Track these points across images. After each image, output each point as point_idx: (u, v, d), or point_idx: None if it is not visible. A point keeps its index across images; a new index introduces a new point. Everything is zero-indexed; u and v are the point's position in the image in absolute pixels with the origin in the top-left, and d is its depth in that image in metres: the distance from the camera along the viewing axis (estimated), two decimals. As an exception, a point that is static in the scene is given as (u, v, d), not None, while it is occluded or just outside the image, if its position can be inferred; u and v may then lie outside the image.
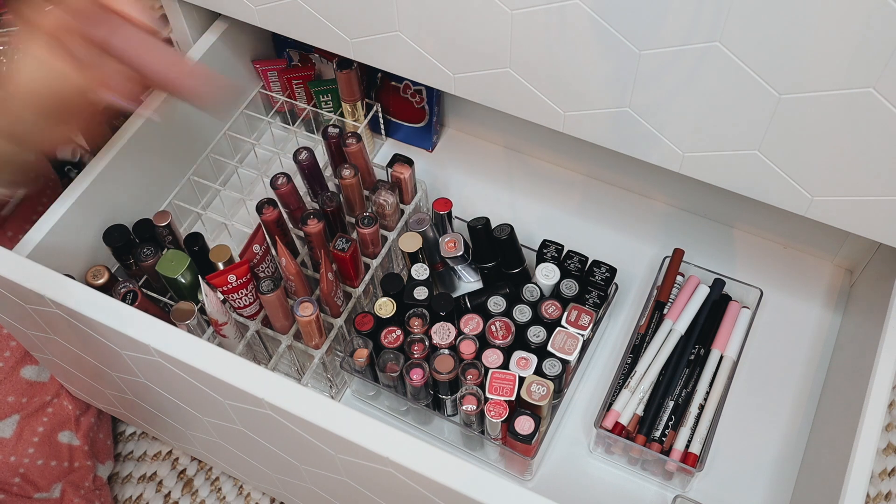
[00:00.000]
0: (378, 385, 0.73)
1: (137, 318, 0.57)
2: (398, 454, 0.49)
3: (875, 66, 0.47)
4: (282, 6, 0.69)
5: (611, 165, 0.88)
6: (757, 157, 0.57)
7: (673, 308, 0.78)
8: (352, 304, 0.75)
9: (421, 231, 0.76)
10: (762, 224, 0.84)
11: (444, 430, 0.76)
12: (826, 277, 0.83)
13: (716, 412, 0.72)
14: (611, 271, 0.75)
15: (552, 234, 0.81)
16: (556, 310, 0.72)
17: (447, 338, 0.70)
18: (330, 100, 0.88)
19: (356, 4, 0.64)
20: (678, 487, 0.72)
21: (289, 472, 0.66)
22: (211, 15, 0.82)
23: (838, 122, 0.51)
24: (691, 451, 0.70)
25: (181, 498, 0.85)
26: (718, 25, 0.50)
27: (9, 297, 0.62)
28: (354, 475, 0.56)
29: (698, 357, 0.75)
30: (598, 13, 0.53)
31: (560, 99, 0.62)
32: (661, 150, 0.61)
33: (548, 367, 0.69)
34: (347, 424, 0.51)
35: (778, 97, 0.52)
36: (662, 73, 0.55)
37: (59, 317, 0.60)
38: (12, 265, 0.59)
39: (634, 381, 0.73)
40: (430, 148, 0.94)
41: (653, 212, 0.88)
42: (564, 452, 0.75)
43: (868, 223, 0.58)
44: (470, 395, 0.69)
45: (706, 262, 0.81)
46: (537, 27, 0.57)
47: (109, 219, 0.74)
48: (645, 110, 0.58)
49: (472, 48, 0.62)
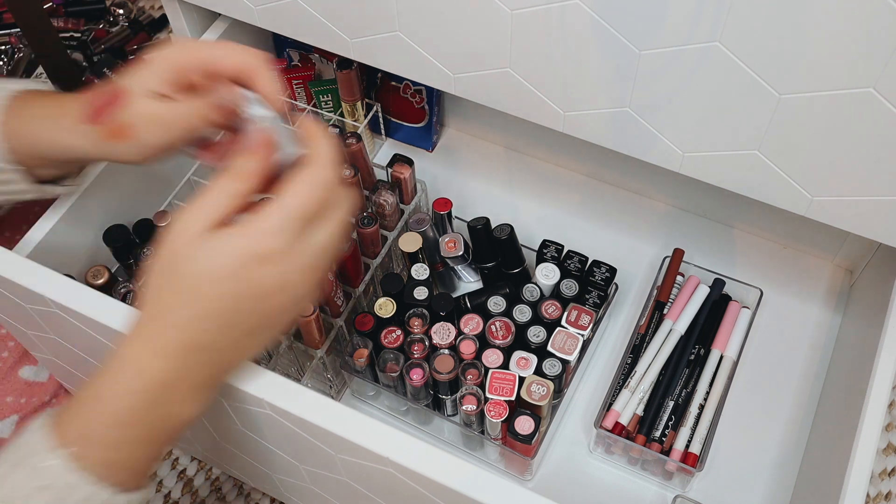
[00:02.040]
0: (378, 385, 0.73)
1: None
2: (398, 454, 0.49)
3: (875, 66, 0.47)
4: (282, 6, 0.69)
5: (611, 165, 0.88)
6: (757, 157, 0.57)
7: (673, 308, 0.78)
8: (352, 304, 0.75)
9: (421, 231, 0.76)
10: (762, 224, 0.84)
11: (444, 430, 0.76)
12: (826, 277, 0.83)
13: (716, 412, 0.72)
14: (611, 271, 0.75)
15: (552, 234, 0.81)
16: (556, 310, 0.72)
17: (447, 338, 0.70)
18: (330, 100, 0.88)
19: (356, 4, 0.64)
20: (678, 487, 0.72)
21: (289, 472, 0.65)
22: (211, 15, 0.82)
23: (838, 122, 0.51)
24: (691, 451, 0.70)
25: (181, 498, 0.85)
26: (718, 25, 0.50)
27: (9, 297, 0.62)
28: (354, 475, 0.56)
29: (698, 357, 0.75)
30: (598, 13, 0.53)
31: (560, 99, 0.62)
32: (660, 150, 0.61)
33: (548, 367, 0.69)
34: (347, 424, 0.51)
35: (778, 97, 0.52)
36: (662, 73, 0.55)
37: (59, 317, 0.60)
38: (12, 265, 0.59)
39: (634, 381, 0.73)
40: (430, 148, 0.94)
41: (653, 212, 0.88)
42: (564, 452, 0.75)
43: (868, 223, 0.58)
44: (470, 395, 0.69)
45: (706, 262, 0.81)
46: (537, 27, 0.57)
47: (109, 219, 0.74)
48: (645, 110, 0.58)
49: (472, 48, 0.62)
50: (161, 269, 0.45)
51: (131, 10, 1.21)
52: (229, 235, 0.44)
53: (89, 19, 1.19)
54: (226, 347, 0.46)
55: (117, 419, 0.45)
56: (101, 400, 0.45)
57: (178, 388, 0.46)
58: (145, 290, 0.46)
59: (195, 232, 0.44)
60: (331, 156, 0.46)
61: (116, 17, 1.20)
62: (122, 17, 1.20)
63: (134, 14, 1.21)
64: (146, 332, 0.46)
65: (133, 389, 0.45)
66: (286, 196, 0.45)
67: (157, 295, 0.46)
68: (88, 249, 0.74)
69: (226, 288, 0.44)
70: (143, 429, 0.46)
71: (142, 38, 1.17)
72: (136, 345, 0.46)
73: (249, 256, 0.44)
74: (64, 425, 0.45)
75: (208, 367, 0.47)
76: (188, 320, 0.45)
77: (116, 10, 1.20)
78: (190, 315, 0.45)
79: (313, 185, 0.45)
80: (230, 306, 0.45)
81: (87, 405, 0.46)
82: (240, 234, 0.44)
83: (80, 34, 1.16)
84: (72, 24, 1.17)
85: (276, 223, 0.44)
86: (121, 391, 0.45)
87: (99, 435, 0.45)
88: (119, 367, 0.46)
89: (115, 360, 0.46)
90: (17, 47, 1.15)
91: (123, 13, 1.20)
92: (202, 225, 0.44)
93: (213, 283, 0.44)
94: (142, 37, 1.17)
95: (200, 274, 0.44)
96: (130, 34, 1.17)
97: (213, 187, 0.45)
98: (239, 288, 0.44)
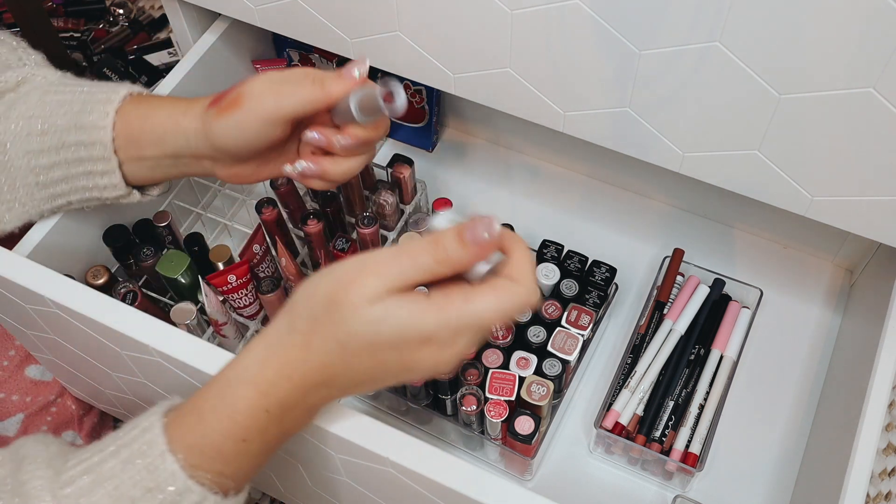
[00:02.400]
0: (378, 385, 0.73)
1: (137, 318, 0.57)
2: (398, 454, 0.49)
3: (875, 66, 0.47)
4: (282, 6, 0.69)
5: (611, 165, 0.88)
6: (757, 157, 0.57)
7: (673, 308, 0.78)
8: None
9: (421, 231, 0.76)
10: (762, 224, 0.84)
11: (444, 430, 0.76)
12: (826, 277, 0.83)
13: (716, 412, 0.72)
14: (611, 271, 0.75)
15: (552, 234, 0.81)
16: (556, 310, 0.72)
17: (447, 338, 0.70)
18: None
19: (356, 4, 0.64)
20: (678, 487, 0.72)
21: (288, 472, 0.65)
22: (211, 15, 0.82)
23: (838, 122, 0.51)
24: (691, 451, 0.70)
25: (181, 498, 0.85)
26: (718, 25, 0.50)
27: (9, 297, 0.62)
28: (354, 475, 0.56)
29: (698, 357, 0.75)
30: (598, 13, 0.53)
31: (560, 99, 0.62)
32: (661, 150, 0.61)
33: (548, 367, 0.69)
34: (347, 424, 0.51)
35: (778, 97, 0.52)
36: (662, 73, 0.55)
37: (59, 317, 0.60)
38: (12, 265, 0.59)
39: (634, 381, 0.73)
40: (430, 148, 0.94)
41: (653, 212, 0.88)
42: (564, 452, 0.75)
43: (868, 223, 0.58)
44: (470, 395, 0.69)
45: (706, 262, 0.81)
46: (537, 27, 0.57)
47: (109, 219, 0.74)
48: (645, 110, 0.58)
49: (472, 48, 0.62)
50: (321, 304, 0.44)
51: (131, 10, 1.21)
52: (410, 307, 0.42)
53: (89, 19, 1.19)
54: (351, 389, 0.47)
55: (236, 434, 0.45)
56: (222, 412, 0.45)
57: (298, 411, 0.47)
58: (294, 308, 0.45)
59: (373, 294, 0.42)
60: (534, 279, 0.44)
61: (116, 17, 1.20)
62: (122, 17, 1.20)
63: (134, 14, 1.21)
64: (281, 355, 0.45)
65: (257, 407, 0.45)
66: (479, 301, 0.42)
67: (305, 325, 0.44)
68: (88, 249, 0.74)
69: (379, 358, 0.44)
70: (257, 445, 0.46)
71: (142, 37, 1.17)
72: (271, 366, 0.45)
73: (416, 337, 0.42)
74: (180, 430, 0.46)
75: (330, 398, 0.47)
76: (332, 366, 0.44)
77: (116, 10, 1.20)
78: (336, 364, 0.44)
79: (510, 304, 0.43)
80: (376, 369, 0.44)
81: (207, 413, 0.46)
82: (421, 313, 0.42)
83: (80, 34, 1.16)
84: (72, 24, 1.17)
85: (460, 324, 0.42)
86: (243, 407, 0.45)
87: (217, 446, 0.45)
88: (246, 381, 0.46)
89: (239, 371, 0.46)
90: (17, 47, 1.15)
91: (123, 13, 1.20)
92: (384, 289, 0.42)
93: (372, 350, 0.43)
94: (142, 37, 1.17)
95: (363, 336, 0.43)
96: (130, 34, 1.17)
97: (412, 255, 0.43)
98: (391, 361, 0.44)
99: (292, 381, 0.45)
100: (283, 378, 0.45)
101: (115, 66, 1.08)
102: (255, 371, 0.46)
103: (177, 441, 0.45)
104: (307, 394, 0.46)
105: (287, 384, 0.45)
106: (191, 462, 0.45)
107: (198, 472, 0.45)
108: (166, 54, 1.14)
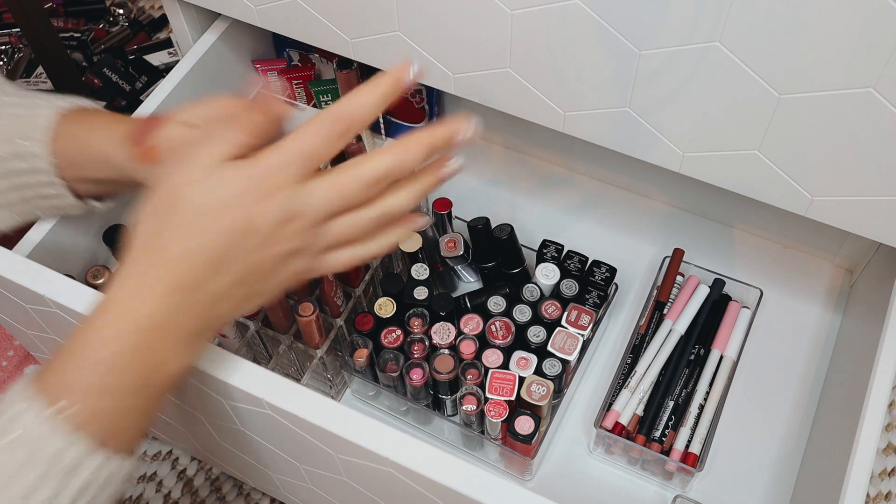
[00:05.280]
0: (378, 385, 0.73)
1: (137, 318, 0.57)
2: (398, 454, 0.49)
3: (875, 66, 0.47)
4: (282, 6, 0.69)
5: (611, 165, 0.88)
6: (757, 157, 0.57)
7: (673, 308, 0.78)
8: (352, 304, 0.75)
9: (421, 231, 0.76)
10: (762, 224, 0.84)
11: (444, 430, 0.76)
12: (826, 277, 0.83)
13: (716, 412, 0.72)
14: (611, 271, 0.75)
15: (552, 234, 0.81)
16: (556, 310, 0.72)
17: (447, 338, 0.70)
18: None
19: (356, 4, 0.64)
20: (678, 487, 0.72)
21: (288, 472, 0.65)
22: (211, 15, 0.82)
23: (838, 122, 0.51)
24: (691, 451, 0.70)
25: (181, 498, 0.85)
26: (718, 25, 0.50)
27: (9, 297, 0.62)
28: (354, 475, 0.56)
29: (698, 357, 0.75)
30: (598, 13, 0.53)
31: (560, 99, 0.62)
32: (661, 150, 0.61)
33: (548, 367, 0.69)
34: (347, 424, 0.51)
35: (778, 97, 0.52)
36: (662, 73, 0.55)
37: (59, 317, 0.60)
38: (12, 265, 0.59)
39: (634, 381, 0.73)
40: (430, 148, 0.94)
41: (653, 212, 0.88)
42: (564, 452, 0.75)
43: (868, 223, 0.58)
44: (470, 395, 0.69)
45: (706, 262, 0.81)
46: (537, 27, 0.57)
47: (109, 219, 0.74)
48: (645, 110, 0.58)
49: (472, 48, 0.62)
50: (157, 209, 0.44)
51: (131, 10, 1.21)
52: (235, 165, 0.44)
53: (89, 19, 1.19)
54: (216, 292, 0.45)
55: (103, 364, 0.43)
56: (86, 344, 0.43)
57: (168, 334, 0.44)
58: (137, 232, 0.45)
59: (205, 166, 0.44)
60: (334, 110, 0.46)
61: (116, 17, 1.20)
62: (122, 17, 1.20)
63: (134, 14, 1.21)
64: (136, 272, 0.44)
65: (121, 331, 0.43)
66: (288, 138, 0.45)
67: (151, 234, 0.44)
68: (88, 249, 0.74)
69: (223, 221, 0.43)
70: (131, 376, 0.43)
71: (142, 37, 1.17)
72: (127, 285, 0.44)
73: (253, 186, 0.43)
74: (46, 374, 0.43)
75: (198, 312, 0.45)
76: (180, 256, 0.44)
77: (116, 10, 1.20)
78: (182, 250, 0.44)
79: (316, 129, 0.45)
80: (224, 241, 0.44)
81: (73, 351, 0.43)
82: (244, 164, 0.44)
83: (80, 34, 1.16)
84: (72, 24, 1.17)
85: (281, 159, 0.44)
86: (108, 335, 0.43)
87: (82, 381, 0.42)
88: (106, 308, 0.44)
89: (102, 303, 0.44)
90: (17, 47, 1.15)
91: (123, 13, 1.20)
92: (211, 160, 0.44)
93: (213, 214, 0.43)
94: (142, 37, 1.17)
95: (201, 206, 0.43)
96: (130, 34, 1.17)
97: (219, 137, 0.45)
98: (236, 221, 0.43)
99: (150, 293, 0.43)
100: (140, 293, 0.44)
101: (115, 66, 1.09)
102: (112, 295, 0.44)
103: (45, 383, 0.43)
104: (174, 308, 0.44)
105: (146, 300, 0.43)
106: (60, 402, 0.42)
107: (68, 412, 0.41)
108: (166, 54, 1.14)
